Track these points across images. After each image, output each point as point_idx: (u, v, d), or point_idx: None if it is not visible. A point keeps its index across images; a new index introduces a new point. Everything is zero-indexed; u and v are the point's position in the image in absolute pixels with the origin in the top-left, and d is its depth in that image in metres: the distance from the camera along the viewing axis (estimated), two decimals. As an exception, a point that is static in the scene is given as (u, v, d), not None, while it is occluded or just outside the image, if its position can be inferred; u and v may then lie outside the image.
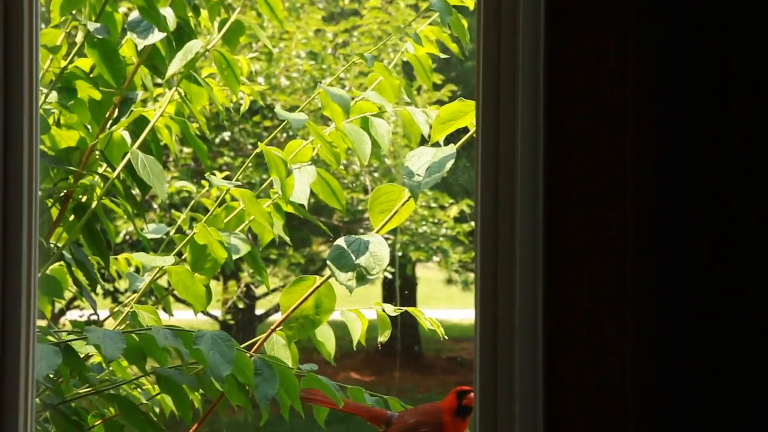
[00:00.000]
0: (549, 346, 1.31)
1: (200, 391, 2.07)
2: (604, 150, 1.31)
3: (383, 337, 2.15)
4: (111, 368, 2.12)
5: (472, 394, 1.99)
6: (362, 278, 1.94)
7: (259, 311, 7.98)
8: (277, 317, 2.10)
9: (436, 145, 1.97)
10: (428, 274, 9.16)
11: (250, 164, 5.68)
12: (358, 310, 2.15)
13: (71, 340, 1.93)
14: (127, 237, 6.19)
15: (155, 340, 1.91)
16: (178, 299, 5.17)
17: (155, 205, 6.36)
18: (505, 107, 1.36)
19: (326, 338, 2.13)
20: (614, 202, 1.31)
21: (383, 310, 2.16)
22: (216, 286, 7.28)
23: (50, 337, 1.95)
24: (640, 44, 1.30)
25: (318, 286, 2.05)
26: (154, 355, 1.97)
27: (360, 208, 6.88)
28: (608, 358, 1.30)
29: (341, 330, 2.20)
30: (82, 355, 2.02)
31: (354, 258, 1.95)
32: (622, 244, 1.30)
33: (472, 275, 8.34)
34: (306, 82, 6.86)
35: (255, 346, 2.12)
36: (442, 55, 2.24)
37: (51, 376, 1.92)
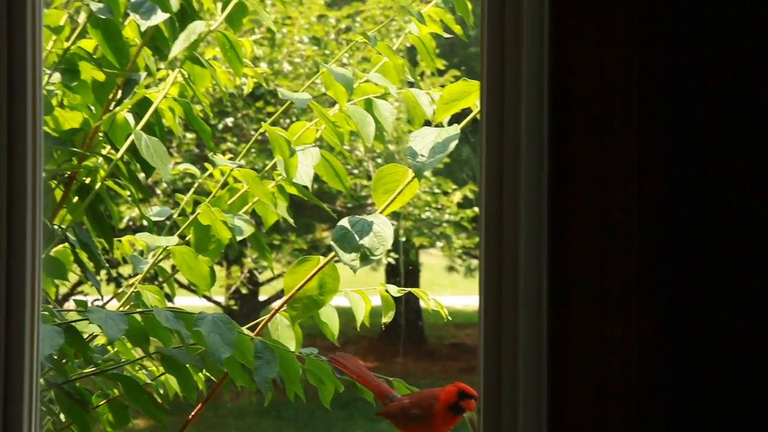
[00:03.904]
0: (553, 332, 1.31)
1: (204, 372, 2.08)
2: (610, 131, 1.30)
3: (387, 318, 2.15)
4: (116, 349, 2.13)
5: (473, 401, 1.99)
6: (366, 258, 1.94)
7: (262, 297, 7.98)
8: (280, 303, 2.10)
9: (440, 125, 1.97)
10: (431, 260, 9.17)
11: (252, 149, 5.68)
12: (363, 291, 2.15)
13: (74, 321, 1.94)
14: (131, 222, 6.20)
15: (158, 320, 1.92)
16: (181, 285, 5.18)
17: (159, 190, 6.37)
18: (510, 88, 1.35)
19: (330, 319, 2.13)
20: (620, 185, 1.30)
21: (387, 291, 2.16)
22: (219, 271, 7.29)
23: (54, 318, 1.95)
24: (646, 18, 1.30)
25: (322, 266, 2.05)
26: (158, 335, 1.98)
27: (363, 193, 6.88)
28: (612, 344, 1.30)
29: (344, 316, 2.19)
30: (86, 336, 2.02)
31: (358, 238, 1.95)
32: (627, 228, 1.30)
33: (475, 261, 8.34)
34: (309, 68, 6.86)
35: (258, 327, 2.12)
36: (446, 35, 2.23)
37: (54, 356, 1.92)
